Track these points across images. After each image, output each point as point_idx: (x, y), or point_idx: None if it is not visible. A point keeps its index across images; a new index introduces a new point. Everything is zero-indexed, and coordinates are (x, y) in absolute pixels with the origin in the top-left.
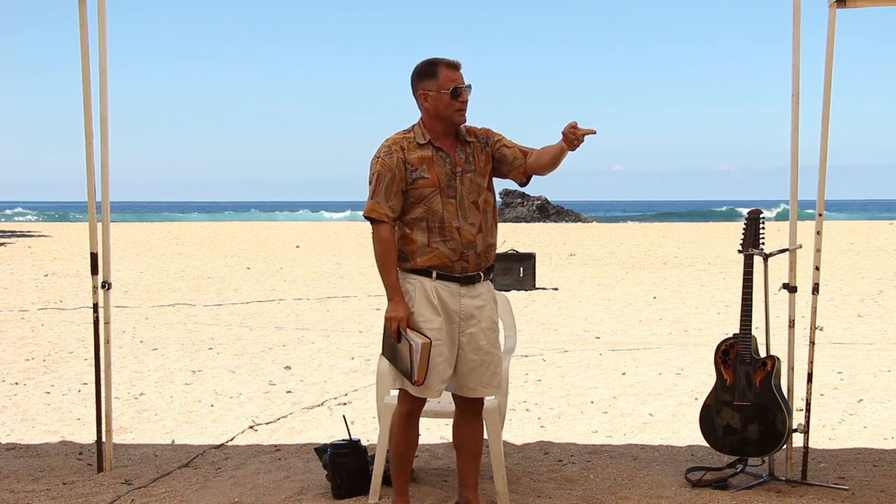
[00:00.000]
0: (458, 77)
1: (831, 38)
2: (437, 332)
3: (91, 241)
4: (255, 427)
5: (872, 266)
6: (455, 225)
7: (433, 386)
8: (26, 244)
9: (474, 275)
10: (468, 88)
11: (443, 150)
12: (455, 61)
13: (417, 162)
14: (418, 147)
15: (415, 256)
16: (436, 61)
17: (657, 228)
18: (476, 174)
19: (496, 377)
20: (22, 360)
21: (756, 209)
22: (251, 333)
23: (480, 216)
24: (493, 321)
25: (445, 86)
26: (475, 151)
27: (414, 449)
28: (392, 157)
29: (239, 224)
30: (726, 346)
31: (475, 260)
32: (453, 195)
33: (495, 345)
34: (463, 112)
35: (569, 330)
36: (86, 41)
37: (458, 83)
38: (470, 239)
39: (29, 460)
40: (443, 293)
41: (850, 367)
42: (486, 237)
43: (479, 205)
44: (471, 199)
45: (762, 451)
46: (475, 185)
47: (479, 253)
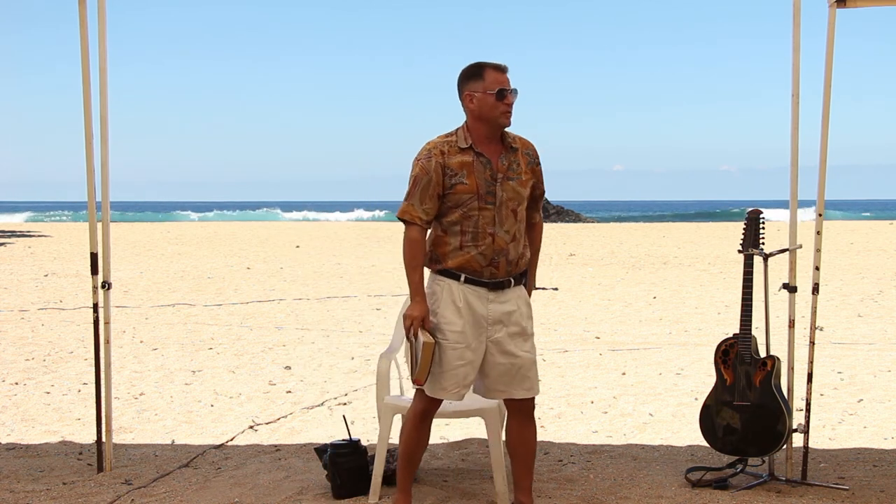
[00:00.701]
0: (504, 80)
1: (831, 38)
2: (457, 335)
3: (91, 241)
4: (255, 427)
5: (872, 266)
6: (489, 231)
7: (449, 388)
8: (26, 244)
9: (503, 281)
10: (514, 92)
11: (484, 156)
12: (503, 65)
13: (457, 167)
14: (459, 151)
15: (446, 259)
16: (483, 64)
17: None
18: (518, 182)
19: (527, 380)
20: (22, 360)
21: (756, 209)
22: (251, 333)
23: (517, 225)
24: (523, 326)
25: (491, 87)
26: (521, 160)
27: (423, 449)
28: (431, 162)
29: (239, 224)
30: (726, 346)
31: (505, 267)
32: (492, 201)
33: (525, 349)
34: (508, 114)
35: (569, 330)
36: (86, 41)
37: (504, 85)
38: (503, 246)
39: (29, 460)
40: (470, 297)
41: (850, 367)
42: (518, 245)
43: (518, 213)
44: (510, 207)
45: (762, 451)
46: (516, 193)
47: (511, 261)
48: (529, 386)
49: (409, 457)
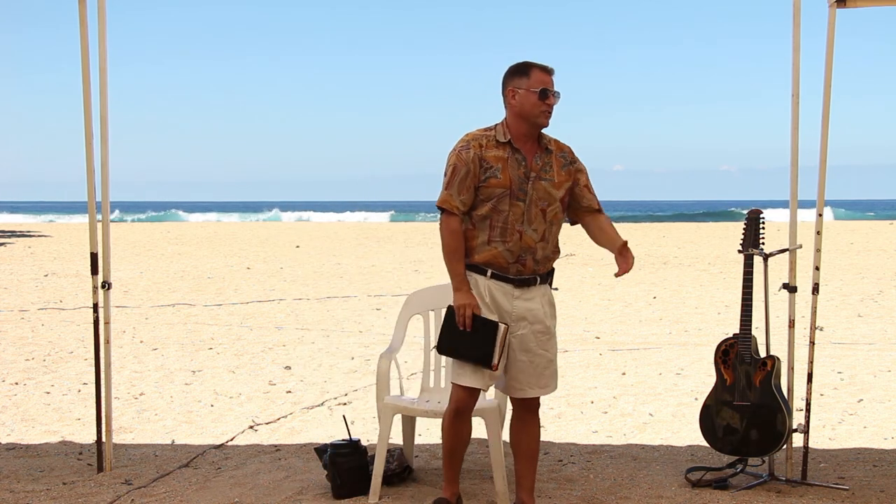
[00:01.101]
0: (549, 80)
1: (831, 38)
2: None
3: (91, 241)
4: (255, 427)
5: (872, 266)
6: (518, 228)
7: (475, 379)
8: (26, 244)
9: (529, 278)
10: (557, 95)
11: (520, 153)
12: (550, 67)
13: (493, 160)
14: (496, 146)
15: (473, 253)
16: (531, 63)
17: (657, 228)
18: (550, 184)
19: (543, 378)
20: (22, 360)
21: (756, 209)
22: (251, 333)
23: (546, 225)
24: (546, 325)
25: (535, 86)
26: (554, 162)
27: (464, 444)
28: (469, 153)
29: (239, 224)
30: (726, 346)
31: (532, 265)
32: (523, 198)
33: (546, 347)
34: (548, 115)
35: (569, 330)
36: (86, 41)
37: (548, 86)
38: (530, 245)
39: (29, 460)
40: (496, 292)
41: (850, 367)
42: (547, 246)
43: (547, 213)
44: (539, 207)
45: (762, 451)
46: (547, 194)
47: (538, 259)
48: (545, 384)
49: (450, 452)
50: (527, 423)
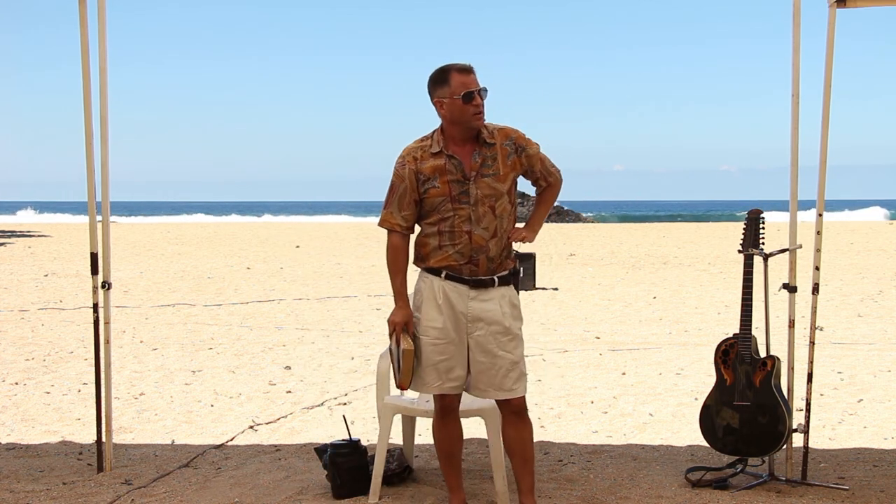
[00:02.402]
0: (470, 81)
1: (831, 38)
2: (439, 330)
3: (91, 241)
4: (255, 427)
5: (872, 266)
6: (466, 229)
7: (430, 382)
8: (26, 244)
9: (485, 279)
10: (483, 91)
11: (455, 158)
12: (466, 65)
13: (430, 171)
14: (432, 156)
15: (428, 258)
16: (447, 68)
17: (657, 228)
18: (494, 178)
19: (508, 380)
20: (22, 360)
21: (756, 209)
22: (251, 333)
23: (496, 221)
24: (505, 326)
25: (458, 91)
26: (498, 154)
27: (457, 445)
28: (405, 169)
29: (239, 224)
30: (726, 346)
31: (486, 264)
32: (466, 200)
33: (507, 348)
34: (479, 116)
35: (569, 330)
36: (86, 41)
37: (470, 87)
38: (481, 244)
39: (29, 460)
40: (450, 294)
41: (850, 367)
42: (500, 242)
43: (496, 209)
44: (487, 204)
45: (762, 451)
46: (493, 190)
47: (492, 258)
48: (510, 387)
49: (445, 455)
50: (514, 425)
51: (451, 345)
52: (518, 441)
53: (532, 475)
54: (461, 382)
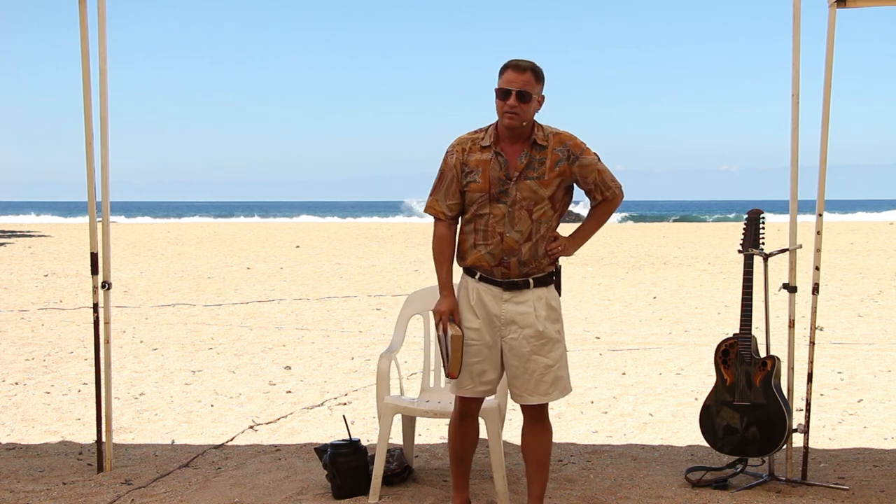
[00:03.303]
0: (513, 79)
1: (831, 38)
2: (475, 332)
3: (91, 241)
4: (255, 427)
5: (872, 266)
6: (499, 231)
7: (465, 384)
8: (26, 244)
9: (518, 281)
10: (519, 94)
11: (502, 155)
12: (521, 63)
13: (474, 165)
14: (480, 149)
15: (465, 256)
16: (507, 63)
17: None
18: (537, 182)
19: (542, 385)
20: (22, 360)
21: (756, 209)
22: (251, 333)
23: (532, 225)
24: (538, 329)
25: (500, 86)
26: (547, 159)
27: (471, 448)
28: (453, 158)
29: (239, 224)
30: (726, 346)
31: (518, 267)
32: (504, 200)
33: (542, 352)
34: (511, 116)
35: (569, 330)
36: (86, 41)
37: (507, 85)
38: (513, 246)
39: (29, 460)
40: (484, 295)
41: (850, 367)
42: (535, 247)
43: (533, 213)
44: (524, 207)
45: (762, 451)
46: (532, 193)
47: (524, 261)
48: (545, 391)
49: (455, 456)
50: (533, 429)
51: (485, 347)
52: (534, 445)
53: (544, 481)
54: (492, 386)
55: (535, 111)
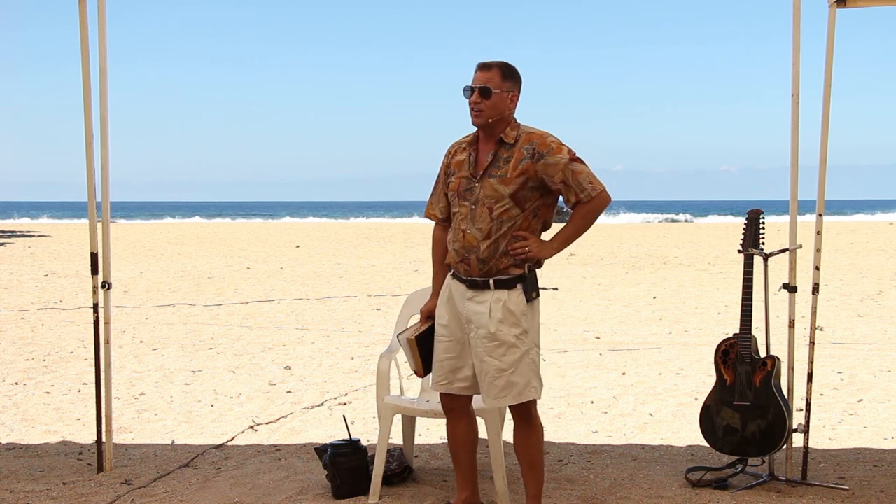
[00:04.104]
0: (478, 77)
1: (831, 38)
2: (445, 328)
3: (91, 241)
4: (255, 427)
5: (872, 266)
6: (462, 227)
7: (437, 380)
8: (26, 244)
9: (479, 280)
10: (481, 90)
11: (473, 154)
12: (489, 62)
13: (455, 166)
14: (463, 150)
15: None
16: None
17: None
18: (499, 180)
19: (493, 388)
20: (22, 360)
21: (756, 209)
22: (251, 333)
23: (492, 223)
24: (490, 331)
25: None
26: (513, 157)
27: (462, 445)
28: (444, 160)
29: (239, 224)
30: (726, 346)
31: (477, 265)
32: (469, 198)
33: (493, 354)
34: (474, 113)
35: (569, 330)
36: (86, 41)
37: (474, 83)
38: (472, 243)
39: (29, 460)
40: (454, 292)
41: (850, 367)
42: (494, 245)
43: (494, 211)
44: (486, 205)
45: (762, 451)
46: (493, 191)
47: (483, 259)
48: (496, 395)
49: (452, 454)
50: (520, 428)
51: (456, 343)
52: (522, 446)
53: (538, 482)
54: (470, 384)
55: (505, 109)
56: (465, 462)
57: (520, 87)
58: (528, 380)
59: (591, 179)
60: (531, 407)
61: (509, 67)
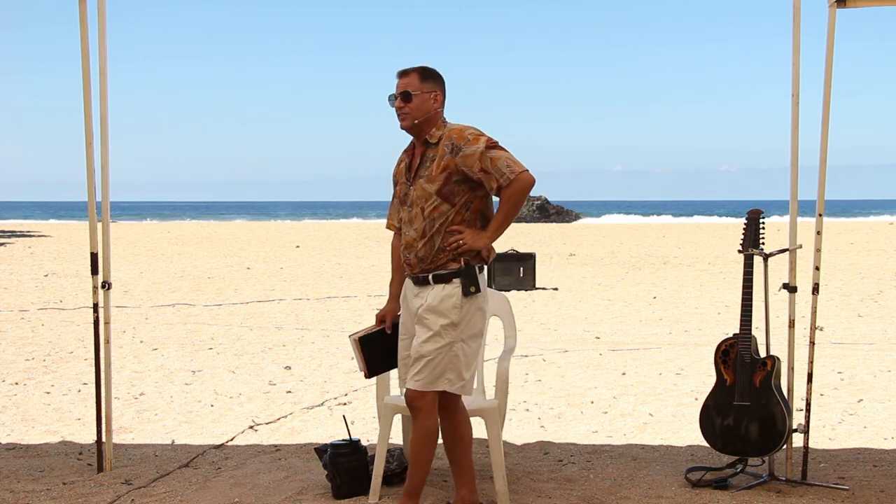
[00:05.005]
0: (398, 84)
1: (831, 38)
2: (402, 326)
3: (91, 241)
4: (255, 427)
5: (872, 266)
6: (405, 231)
7: (401, 376)
8: (26, 244)
9: (420, 277)
10: (402, 95)
11: (408, 160)
12: (402, 70)
13: (398, 174)
14: (403, 159)
15: None
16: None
17: (657, 228)
18: (426, 180)
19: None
20: (22, 360)
21: (756, 209)
22: (251, 333)
23: (425, 222)
24: (423, 318)
25: None
26: (437, 156)
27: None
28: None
29: (239, 224)
30: (726, 346)
31: (417, 263)
32: (406, 201)
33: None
34: (400, 117)
35: (569, 330)
36: (86, 41)
37: (395, 89)
38: (411, 243)
39: (29, 460)
40: (407, 291)
41: (850, 367)
42: (430, 243)
43: (426, 210)
44: (419, 206)
45: (762, 451)
46: (423, 191)
47: (420, 258)
48: (411, 376)
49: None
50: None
51: (411, 340)
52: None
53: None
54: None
55: (429, 109)
56: (454, 460)
57: (442, 88)
58: (443, 371)
59: (509, 163)
60: (452, 399)
61: (428, 70)
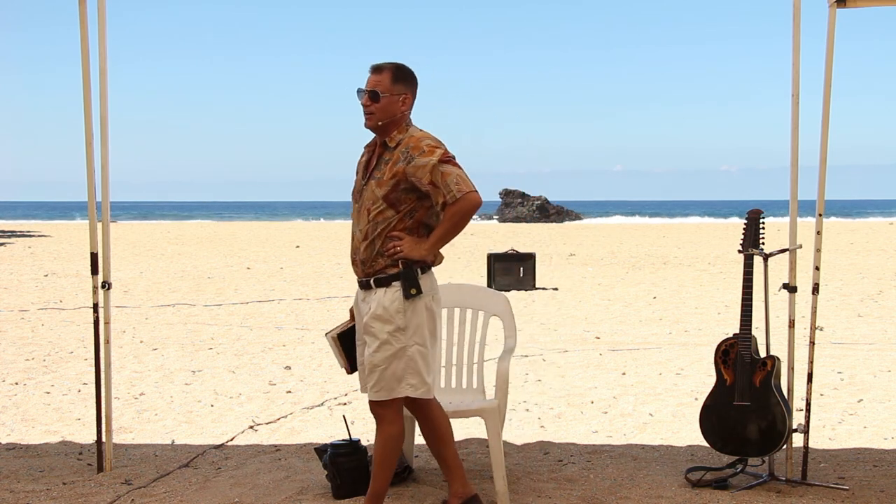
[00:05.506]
0: (368, 80)
1: (831, 38)
2: (357, 332)
3: (91, 241)
4: (255, 427)
5: (872, 266)
6: (352, 228)
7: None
8: (26, 244)
9: (364, 281)
10: (370, 94)
11: (367, 157)
12: (381, 65)
13: (357, 168)
14: (364, 153)
15: None
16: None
17: (657, 228)
18: (377, 183)
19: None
20: (22, 360)
21: (756, 209)
22: (251, 333)
23: (369, 224)
24: (367, 324)
25: None
26: (392, 161)
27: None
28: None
29: (239, 224)
30: (726, 346)
31: (360, 266)
32: (357, 200)
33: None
34: (366, 115)
35: (569, 330)
36: (86, 41)
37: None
38: (356, 245)
39: (29, 460)
40: (357, 295)
41: (850, 367)
42: (371, 246)
43: (371, 213)
44: (366, 206)
45: (762, 451)
46: (372, 193)
47: (363, 260)
48: (370, 388)
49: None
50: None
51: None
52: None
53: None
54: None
55: (396, 112)
56: (439, 457)
57: (413, 90)
58: (401, 377)
59: (458, 181)
60: (422, 404)
61: (401, 70)
